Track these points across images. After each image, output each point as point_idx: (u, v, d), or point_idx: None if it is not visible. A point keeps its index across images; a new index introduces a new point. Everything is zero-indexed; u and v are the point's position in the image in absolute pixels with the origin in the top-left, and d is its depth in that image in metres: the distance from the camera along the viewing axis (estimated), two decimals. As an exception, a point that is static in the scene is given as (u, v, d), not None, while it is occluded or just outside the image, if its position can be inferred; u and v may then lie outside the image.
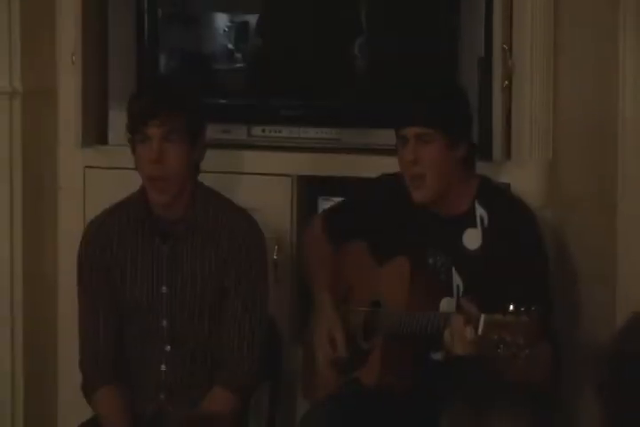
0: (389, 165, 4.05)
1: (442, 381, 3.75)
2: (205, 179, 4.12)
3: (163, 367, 4.04)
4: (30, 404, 4.56)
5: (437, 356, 3.82)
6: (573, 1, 4.28)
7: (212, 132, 4.17)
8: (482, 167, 4.13)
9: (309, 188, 4.45)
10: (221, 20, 4.63)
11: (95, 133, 4.60)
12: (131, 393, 4.02)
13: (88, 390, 4.07)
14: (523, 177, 4.25)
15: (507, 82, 4.28)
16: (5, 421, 4.50)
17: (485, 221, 3.94)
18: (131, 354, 4.09)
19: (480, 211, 3.95)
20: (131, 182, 4.11)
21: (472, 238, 3.94)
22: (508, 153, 4.32)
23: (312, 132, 4.43)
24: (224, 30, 4.63)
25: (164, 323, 4.04)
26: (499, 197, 4.03)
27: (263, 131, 4.46)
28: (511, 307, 3.37)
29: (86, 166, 4.56)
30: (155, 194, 3.96)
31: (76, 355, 4.16)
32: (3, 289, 4.50)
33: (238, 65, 4.63)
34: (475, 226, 3.94)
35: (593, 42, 4.31)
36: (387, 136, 4.07)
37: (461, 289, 3.89)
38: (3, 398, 4.52)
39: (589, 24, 4.29)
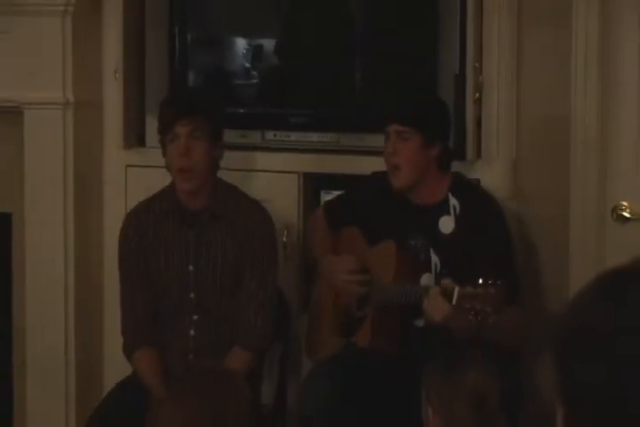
0: (379, 164, 4.03)
1: (423, 344, 3.70)
2: (226, 175, 4.10)
3: (191, 333, 4.03)
4: (81, 366, 4.54)
5: (419, 322, 3.78)
6: (534, 27, 4.25)
7: (232, 136, 4.16)
8: (456, 165, 4.11)
9: (313, 183, 4.41)
10: (240, 43, 4.60)
11: (134, 137, 4.55)
12: (163, 354, 4.00)
13: (128, 351, 4.06)
14: (490, 174, 4.24)
15: (477, 94, 4.27)
16: (61, 377, 4.48)
17: (458, 210, 3.93)
18: (164, 322, 4.07)
19: (453, 201, 3.94)
20: (163, 178, 4.09)
21: (446, 224, 3.93)
22: (478, 153, 4.31)
23: (315, 137, 4.40)
24: (242, 52, 4.60)
25: (192, 296, 4.03)
26: (470, 190, 4.03)
27: (274, 135, 4.42)
28: (480, 280, 3.45)
29: (127, 165, 4.53)
30: (182, 183, 3.97)
31: (119, 323, 4.14)
32: (58, 268, 4.45)
33: (254, 80, 4.60)
34: (449, 214, 3.93)
35: (550, 61, 4.29)
36: (378, 140, 4.04)
37: (438, 266, 3.87)
38: (59, 360, 4.49)
39: (547, 46, 4.27)
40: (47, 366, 4.50)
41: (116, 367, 4.34)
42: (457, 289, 3.49)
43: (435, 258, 3.89)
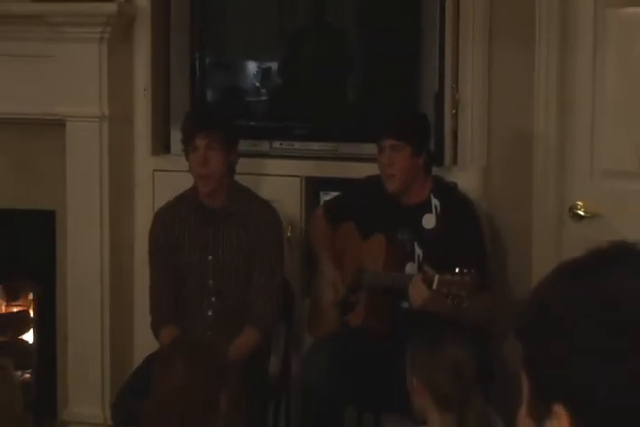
0: (372, 169, 4.04)
1: (408, 323, 3.71)
2: (239, 179, 4.11)
3: (209, 314, 4.04)
4: (115, 341, 4.53)
5: (405, 305, 3.79)
6: (502, 53, 4.26)
7: (244, 145, 4.13)
8: (436, 170, 4.12)
9: (314, 185, 4.39)
10: (250, 66, 4.60)
11: (161, 145, 4.54)
12: (185, 331, 3.99)
13: (155, 329, 4.08)
14: (465, 177, 4.24)
15: (454, 110, 4.28)
16: (97, 352, 4.47)
17: (438, 209, 3.93)
18: (186, 304, 4.08)
19: (434, 201, 3.94)
20: (186, 181, 4.09)
21: (429, 221, 3.93)
22: (454, 160, 4.32)
23: (316, 146, 4.39)
24: (252, 73, 4.60)
25: (210, 282, 4.04)
26: (448, 192, 4.03)
27: (280, 144, 4.41)
28: (457, 269, 3.49)
29: (154, 170, 4.51)
30: (202, 187, 3.99)
31: (147, 305, 4.16)
32: (95, 258, 4.45)
33: (262, 98, 4.60)
34: (431, 212, 3.93)
35: (515, 82, 4.29)
36: (370, 149, 4.05)
37: (421, 257, 3.87)
38: (96, 337, 4.49)
39: (513, 69, 4.27)
40: (85, 342, 4.50)
41: (144, 343, 4.32)
42: (437, 277, 3.51)
43: (418, 250, 3.89)
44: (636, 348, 1.10)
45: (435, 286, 3.51)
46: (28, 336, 4.86)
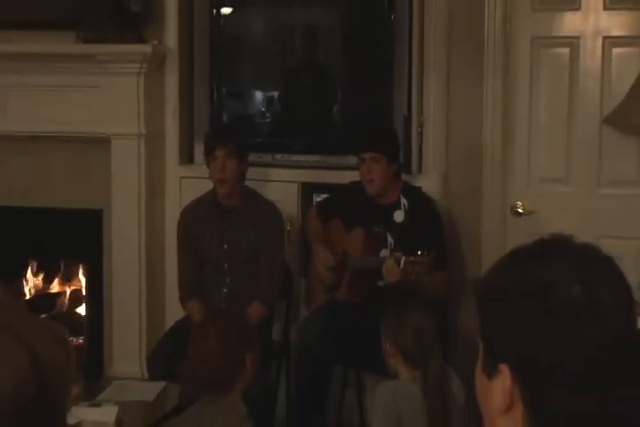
0: (353, 176, 4.04)
1: (383, 297, 3.68)
2: (249, 183, 4.11)
3: (224, 290, 4.04)
4: (149, 312, 4.53)
5: (380, 282, 3.78)
6: (457, 84, 4.26)
7: (252, 157, 4.12)
8: (405, 176, 4.13)
9: (308, 189, 4.38)
10: (258, 95, 4.60)
11: (186, 157, 4.54)
12: (205, 304, 4.00)
13: (182, 301, 4.09)
14: (428, 182, 4.23)
15: (419, 129, 4.28)
16: (136, 317, 4.49)
17: (407, 206, 3.94)
18: (206, 283, 4.08)
19: (403, 200, 3.95)
20: (206, 186, 4.09)
21: (399, 216, 3.94)
22: (420, 169, 4.31)
23: (310, 158, 4.39)
24: (259, 100, 4.60)
25: (225, 265, 4.04)
26: (414, 193, 4.03)
27: (281, 157, 4.41)
28: (419, 252, 3.51)
29: (181, 177, 4.50)
30: (220, 189, 3.99)
31: (176, 283, 4.16)
32: (133, 248, 4.45)
33: (267, 120, 4.59)
34: (400, 209, 3.94)
35: (468, 106, 4.30)
36: (352, 160, 4.06)
37: (392, 244, 3.87)
38: (134, 308, 4.50)
39: (466, 96, 4.29)
40: (126, 313, 4.51)
41: (173, 313, 4.34)
42: (403, 258, 3.54)
43: (390, 239, 3.89)
44: (567, 322, 1.09)
45: (402, 266, 3.53)
46: (81, 310, 4.85)
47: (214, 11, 4.44)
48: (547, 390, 1.11)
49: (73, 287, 4.90)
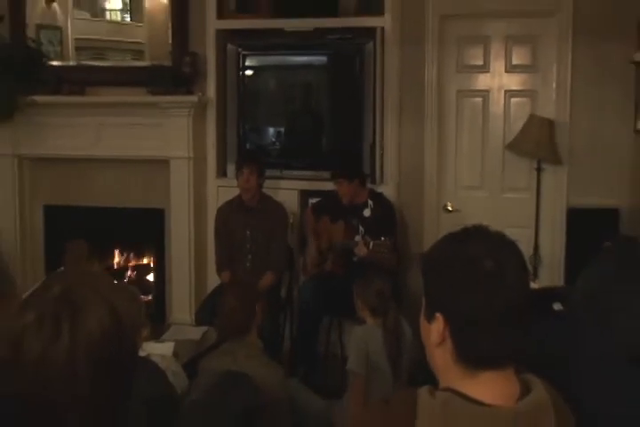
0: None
1: (356, 269, 3.66)
2: (265, 191, 4.04)
3: (247, 264, 3.98)
4: (197, 279, 4.48)
5: (355, 258, 3.75)
6: (406, 123, 4.23)
7: (267, 173, 4.06)
8: (372, 185, 4.08)
9: (304, 194, 4.33)
10: (270, 130, 4.53)
11: (221, 173, 4.50)
12: (234, 274, 3.95)
13: (218, 272, 4.03)
14: (387, 189, 4.18)
15: (381, 153, 4.24)
16: (187, 284, 4.44)
17: (372, 206, 3.89)
18: (234, 259, 3.99)
19: (370, 202, 3.90)
20: (235, 192, 4.03)
21: (367, 212, 3.89)
22: (382, 180, 4.25)
23: (306, 173, 4.33)
24: (271, 133, 4.54)
25: (248, 246, 3.99)
26: (377, 197, 3.98)
27: (286, 172, 4.35)
28: (382, 238, 3.47)
29: (218, 186, 4.45)
30: (244, 195, 3.95)
31: (213, 259, 4.11)
32: (186, 236, 4.42)
33: (276, 147, 4.52)
34: (368, 207, 3.89)
35: (413, 137, 4.27)
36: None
37: (363, 232, 3.82)
38: (186, 276, 4.46)
39: (413, 133, 4.26)
40: (181, 279, 4.46)
41: (212, 280, 4.29)
42: (371, 242, 3.50)
43: (361, 228, 3.85)
44: (482, 285, 1.09)
45: (370, 247, 3.50)
46: (150, 277, 4.81)
47: (240, 73, 4.40)
48: (466, 331, 1.10)
49: (144, 262, 4.87)
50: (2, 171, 4.60)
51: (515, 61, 4.18)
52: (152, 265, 4.78)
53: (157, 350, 2.78)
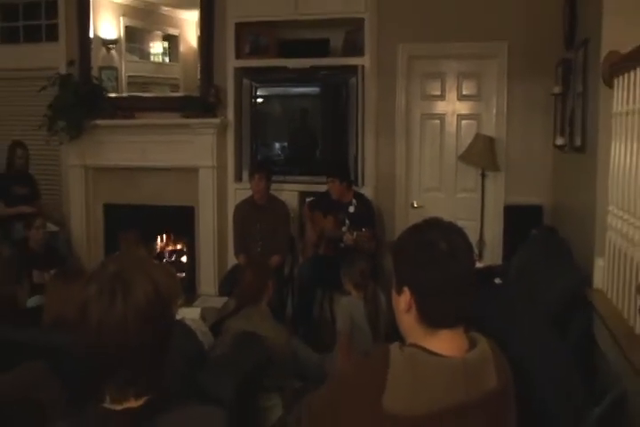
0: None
1: (345, 253, 3.64)
2: (272, 192, 4.01)
3: (258, 249, 3.95)
4: (219, 260, 4.45)
5: (342, 245, 3.73)
6: (382, 138, 4.20)
7: (273, 178, 4.04)
8: (356, 188, 4.03)
9: (304, 195, 4.30)
10: (276, 145, 4.49)
11: (238, 178, 4.45)
12: (248, 255, 3.91)
13: (235, 254, 4.01)
14: (367, 191, 4.14)
15: (362, 161, 4.20)
16: (211, 263, 4.40)
17: (356, 204, 3.86)
18: (248, 244, 3.98)
19: (354, 201, 3.87)
20: (248, 193, 4.01)
21: (351, 209, 3.86)
22: (363, 183, 4.21)
23: (304, 178, 4.28)
24: (277, 147, 4.50)
25: (259, 235, 3.95)
26: (360, 197, 3.94)
27: (289, 178, 4.31)
28: (363, 229, 3.44)
29: (235, 189, 4.42)
30: (255, 195, 3.92)
31: (232, 244, 4.07)
32: (211, 227, 4.39)
33: (281, 158, 4.48)
34: (352, 205, 3.86)
35: (388, 151, 4.24)
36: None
37: (348, 224, 3.80)
38: (211, 257, 4.41)
39: (387, 147, 4.24)
40: (207, 259, 4.43)
41: (231, 260, 4.25)
42: (355, 232, 3.49)
43: (347, 221, 3.82)
44: (439, 262, 1.08)
45: (354, 236, 3.48)
46: (183, 259, 4.77)
47: (253, 100, 4.37)
48: (428, 299, 1.10)
49: (179, 247, 4.85)
50: (73, 178, 4.62)
51: (464, 92, 4.19)
52: (185, 250, 4.75)
53: (189, 314, 2.78)
